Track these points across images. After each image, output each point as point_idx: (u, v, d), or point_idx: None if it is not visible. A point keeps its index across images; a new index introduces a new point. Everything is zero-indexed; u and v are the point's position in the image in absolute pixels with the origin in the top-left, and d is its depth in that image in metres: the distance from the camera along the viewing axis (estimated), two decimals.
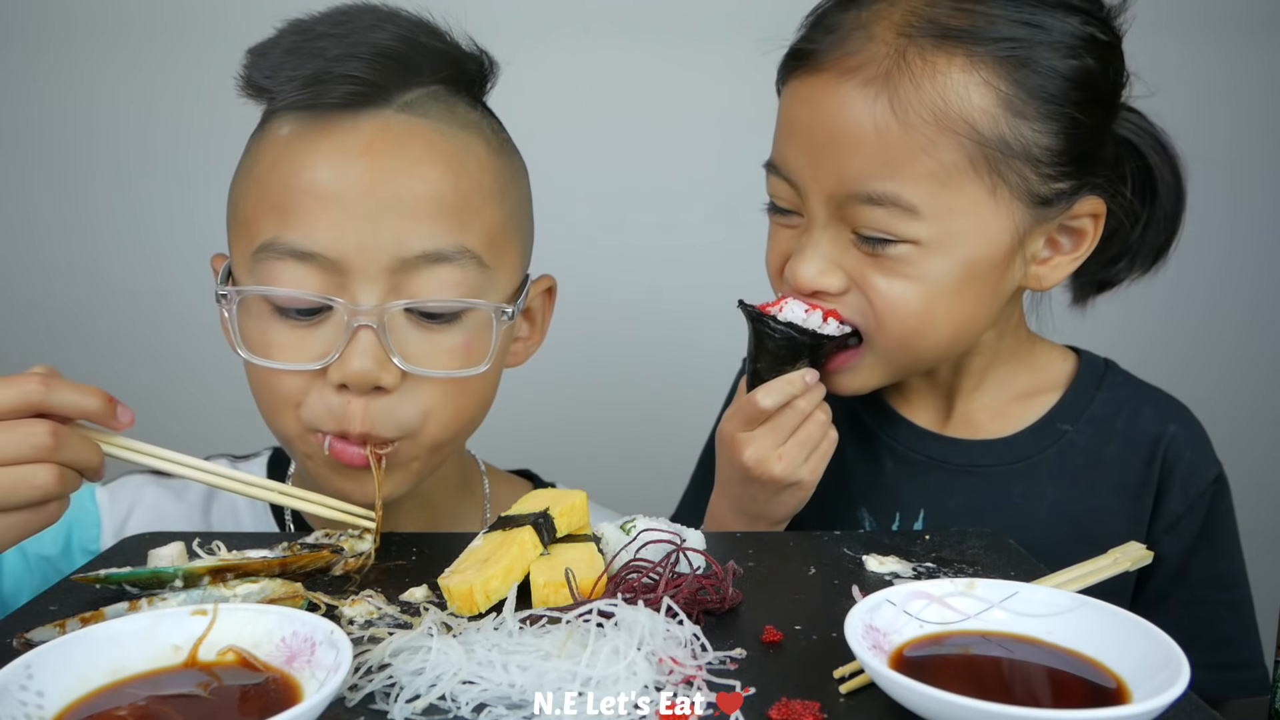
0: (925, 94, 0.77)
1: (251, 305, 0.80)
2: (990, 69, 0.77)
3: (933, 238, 0.80)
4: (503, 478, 1.03)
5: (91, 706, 0.50)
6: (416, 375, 0.79)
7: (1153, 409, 0.92)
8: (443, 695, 0.52)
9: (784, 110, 0.87)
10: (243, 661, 0.53)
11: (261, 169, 0.80)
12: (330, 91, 0.77)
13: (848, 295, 0.84)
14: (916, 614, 0.57)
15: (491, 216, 0.82)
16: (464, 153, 0.81)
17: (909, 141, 0.78)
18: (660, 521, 0.72)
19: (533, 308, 0.93)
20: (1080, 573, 0.67)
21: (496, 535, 0.68)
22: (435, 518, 0.94)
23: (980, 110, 0.77)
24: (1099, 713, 0.45)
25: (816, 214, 0.83)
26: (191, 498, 0.95)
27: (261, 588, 0.65)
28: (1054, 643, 0.55)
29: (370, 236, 0.76)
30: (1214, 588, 0.91)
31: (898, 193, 0.78)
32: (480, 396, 0.86)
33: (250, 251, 0.79)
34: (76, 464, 0.69)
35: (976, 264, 0.81)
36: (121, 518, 0.92)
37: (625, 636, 0.54)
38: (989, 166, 0.78)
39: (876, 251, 0.81)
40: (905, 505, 0.93)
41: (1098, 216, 0.85)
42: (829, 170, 0.81)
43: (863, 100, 0.78)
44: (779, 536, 0.79)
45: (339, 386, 0.78)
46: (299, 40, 0.80)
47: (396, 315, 0.78)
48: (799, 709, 0.51)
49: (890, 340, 0.84)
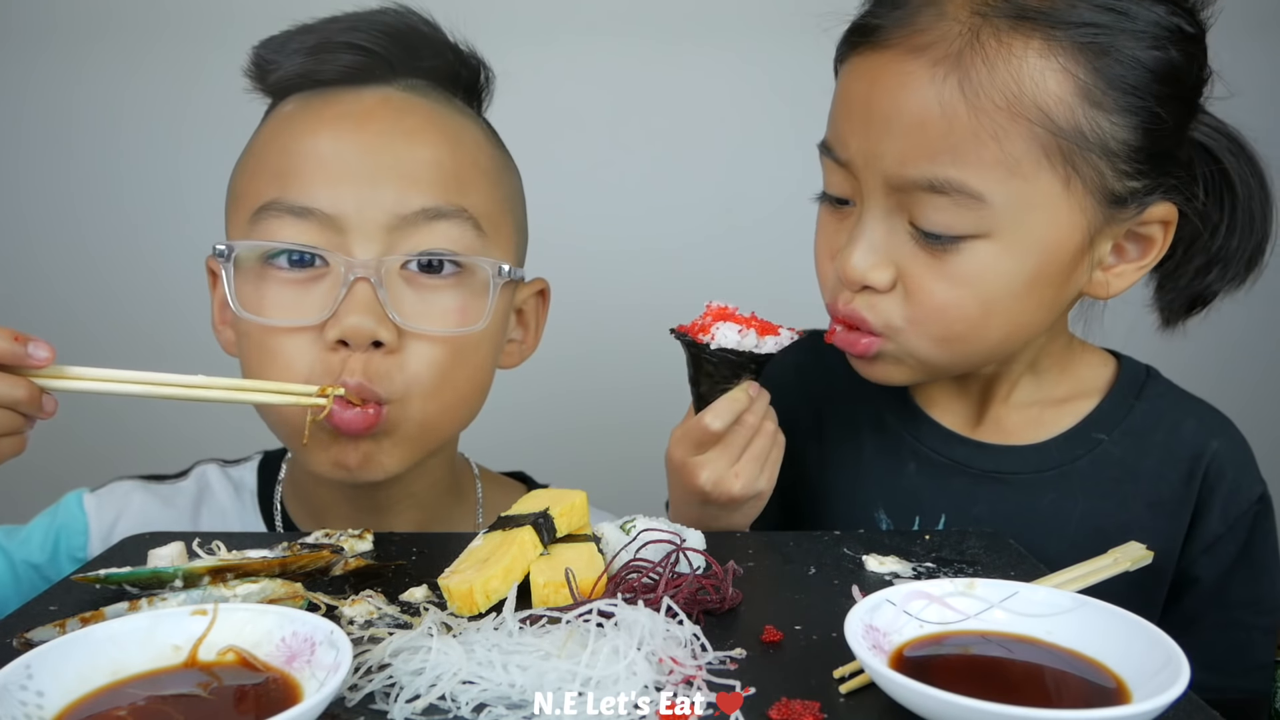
0: (999, 77, 0.72)
1: (248, 268, 0.80)
2: (1069, 55, 0.73)
3: (1000, 231, 0.75)
4: (496, 480, 1.03)
5: (91, 706, 0.50)
6: (413, 334, 0.79)
7: (1195, 422, 0.88)
8: (443, 695, 0.52)
9: (842, 88, 0.82)
10: (243, 661, 0.53)
11: (261, 142, 0.82)
12: (334, 60, 0.79)
13: (891, 293, 0.79)
14: (916, 614, 0.57)
15: (488, 192, 0.84)
16: (461, 131, 0.84)
17: (978, 127, 0.73)
18: (660, 521, 0.72)
19: (526, 310, 0.93)
20: (1080, 573, 0.67)
21: (496, 535, 0.68)
22: (427, 521, 0.93)
23: (1056, 98, 0.73)
24: (1099, 713, 0.45)
25: (872, 200, 0.78)
26: (180, 503, 0.95)
27: (261, 588, 0.65)
28: (1054, 643, 0.55)
29: (369, 195, 0.77)
30: (1252, 612, 0.87)
31: (963, 180, 0.73)
32: (471, 376, 0.84)
33: (248, 215, 0.79)
34: (4, 402, 0.67)
35: (1045, 264, 0.77)
36: (109, 524, 0.92)
37: (625, 636, 0.54)
38: (1063, 157, 0.74)
39: (936, 248, 0.76)
40: (926, 509, 0.90)
41: (1168, 224, 0.80)
42: (888, 152, 0.75)
43: (930, 80, 0.73)
44: (779, 536, 0.79)
45: (336, 344, 0.77)
46: (308, 28, 0.82)
47: (393, 273, 0.78)
48: (799, 709, 0.51)
49: (927, 344, 0.80)
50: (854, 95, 0.79)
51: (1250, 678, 0.87)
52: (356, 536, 0.75)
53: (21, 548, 0.90)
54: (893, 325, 0.80)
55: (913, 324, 0.79)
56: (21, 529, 0.91)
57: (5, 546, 0.89)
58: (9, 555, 0.89)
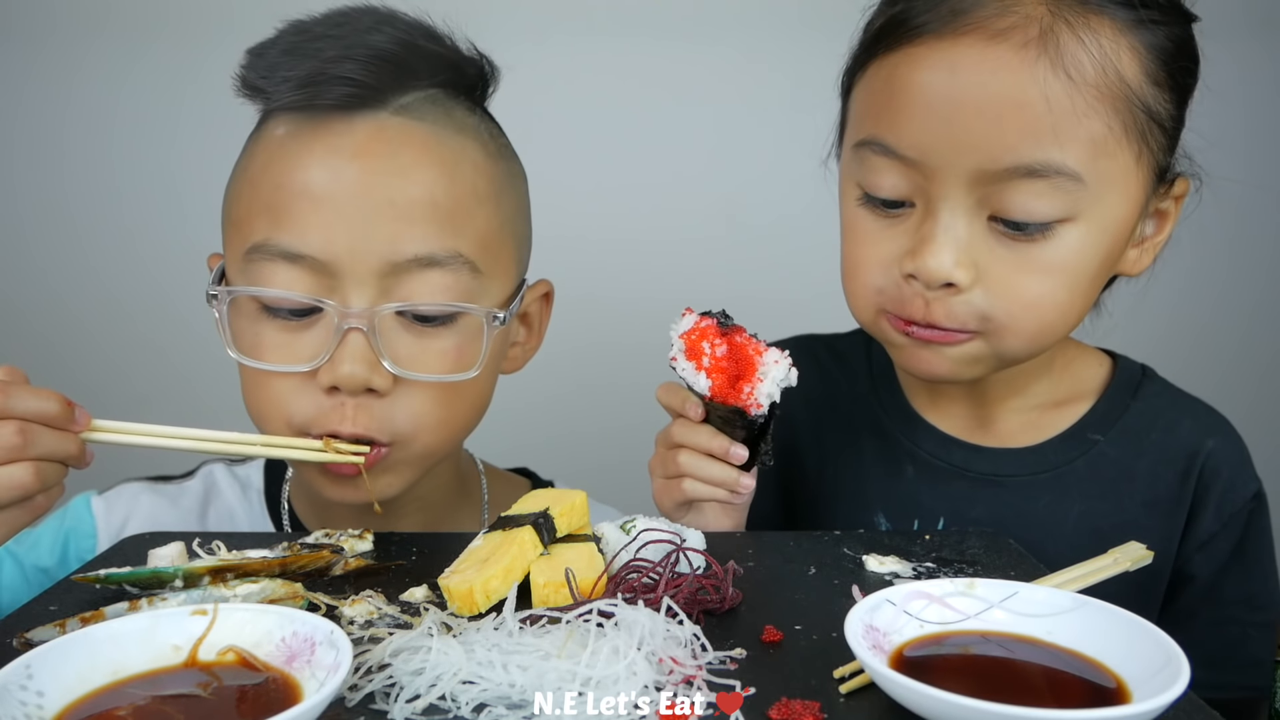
0: (1087, 54, 0.73)
1: (243, 306, 0.80)
2: (1134, 34, 0.75)
3: (1086, 212, 0.75)
4: (501, 477, 1.03)
5: (91, 706, 0.50)
6: (407, 380, 0.78)
7: (1191, 422, 0.89)
8: (443, 695, 0.52)
9: (900, 84, 0.77)
10: (243, 661, 0.53)
11: (255, 169, 0.80)
12: (325, 93, 0.76)
13: (971, 293, 0.77)
14: (916, 614, 0.57)
15: (486, 221, 0.82)
16: (459, 157, 0.81)
17: (1074, 106, 0.72)
18: (660, 521, 0.72)
19: (530, 312, 0.92)
20: (1080, 573, 0.67)
21: (496, 535, 0.68)
22: (433, 519, 0.93)
23: (1133, 73, 0.74)
24: (1099, 713, 0.45)
25: (952, 197, 0.76)
26: (187, 504, 0.95)
27: (262, 588, 0.65)
28: (1054, 643, 0.55)
29: (362, 239, 0.76)
30: (1246, 608, 0.88)
31: (1063, 160, 0.73)
32: (472, 402, 0.85)
33: (242, 252, 0.79)
34: (54, 456, 0.71)
35: (1116, 241, 0.78)
36: (118, 526, 0.92)
37: (625, 636, 0.54)
38: (1139, 133, 0.75)
39: (1021, 239, 0.75)
40: (925, 513, 0.90)
41: (1180, 198, 0.83)
42: (978, 144, 0.73)
43: (1021, 63, 0.72)
44: (779, 536, 0.79)
45: (329, 389, 0.78)
46: (297, 41, 0.79)
47: (387, 318, 0.78)
48: (799, 709, 0.51)
49: (1021, 340, 0.79)
50: (923, 88, 0.76)
51: (1246, 674, 0.87)
52: (356, 536, 0.75)
53: (31, 552, 0.90)
54: (986, 323, 0.78)
55: (1004, 321, 0.78)
56: (30, 533, 0.91)
57: (15, 551, 0.89)
58: (19, 560, 0.89)
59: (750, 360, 0.77)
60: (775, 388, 0.76)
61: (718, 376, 0.77)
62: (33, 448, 0.69)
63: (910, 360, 0.83)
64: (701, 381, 0.77)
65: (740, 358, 0.77)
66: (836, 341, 1.03)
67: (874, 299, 0.82)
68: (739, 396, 0.76)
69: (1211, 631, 0.88)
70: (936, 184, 0.76)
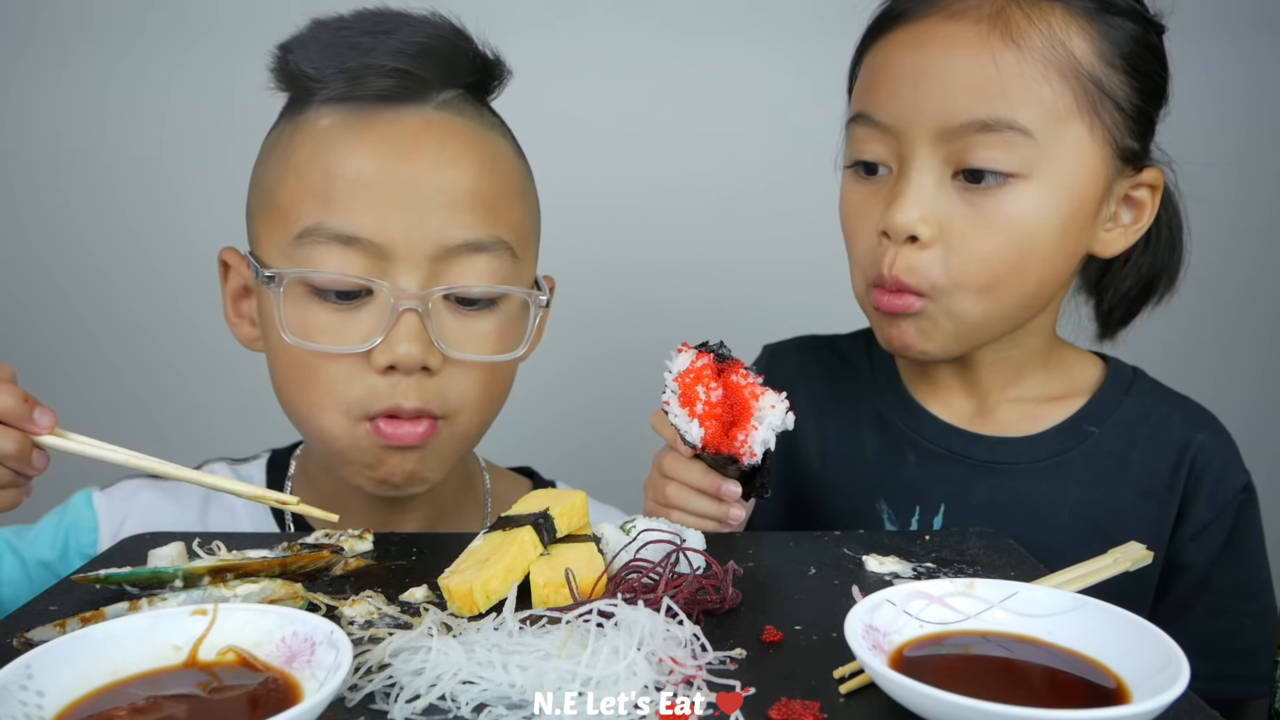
0: (1036, 29, 0.81)
1: (289, 291, 0.81)
2: (1083, 19, 0.82)
3: (1039, 171, 0.81)
4: (503, 475, 1.05)
5: (91, 706, 0.50)
6: (455, 360, 0.82)
7: (1181, 416, 0.93)
8: (443, 695, 0.52)
9: (880, 62, 0.87)
10: (243, 661, 0.53)
11: (301, 158, 0.82)
12: (376, 84, 0.80)
13: (932, 250, 0.83)
14: (916, 614, 0.57)
15: (519, 212, 0.87)
16: (495, 152, 0.85)
17: (1022, 71, 0.80)
18: (660, 521, 0.72)
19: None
20: (1080, 573, 0.67)
21: (496, 535, 0.68)
22: (439, 513, 0.95)
23: (1082, 50, 0.82)
24: (1099, 713, 0.45)
25: (917, 155, 0.83)
26: (188, 500, 0.95)
27: (261, 588, 0.65)
28: (1054, 643, 0.55)
29: (416, 225, 0.79)
30: (1238, 597, 0.90)
31: (1013, 116, 0.80)
32: (505, 386, 0.89)
33: (291, 236, 0.81)
34: None
35: (1074, 209, 0.83)
36: (118, 522, 0.92)
37: (625, 636, 0.54)
38: (1090, 105, 0.82)
39: (980, 189, 0.82)
40: (926, 499, 0.93)
41: (1156, 189, 0.88)
42: (939, 103, 0.82)
43: (976, 34, 0.81)
44: (779, 536, 0.79)
45: (385, 369, 0.80)
46: (340, 35, 0.82)
47: (437, 302, 0.81)
48: (799, 709, 0.51)
49: (969, 298, 0.84)
50: (897, 63, 0.85)
51: (1240, 663, 0.89)
52: (356, 537, 0.75)
53: (31, 547, 0.90)
54: (936, 284, 0.83)
55: (956, 278, 0.83)
56: (30, 529, 0.92)
57: (16, 546, 0.89)
58: (20, 555, 0.89)
59: (746, 405, 0.75)
60: (771, 434, 0.75)
61: (711, 424, 0.75)
62: None
63: (886, 331, 0.89)
64: (695, 431, 0.75)
65: (736, 402, 0.76)
66: (838, 341, 1.06)
67: (865, 270, 0.88)
68: (732, 445, 0.75)
69: (1207, 622, 0.90)
70: (906, 145, 0.84)
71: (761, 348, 1.08)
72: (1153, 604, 0.92)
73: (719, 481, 0.79)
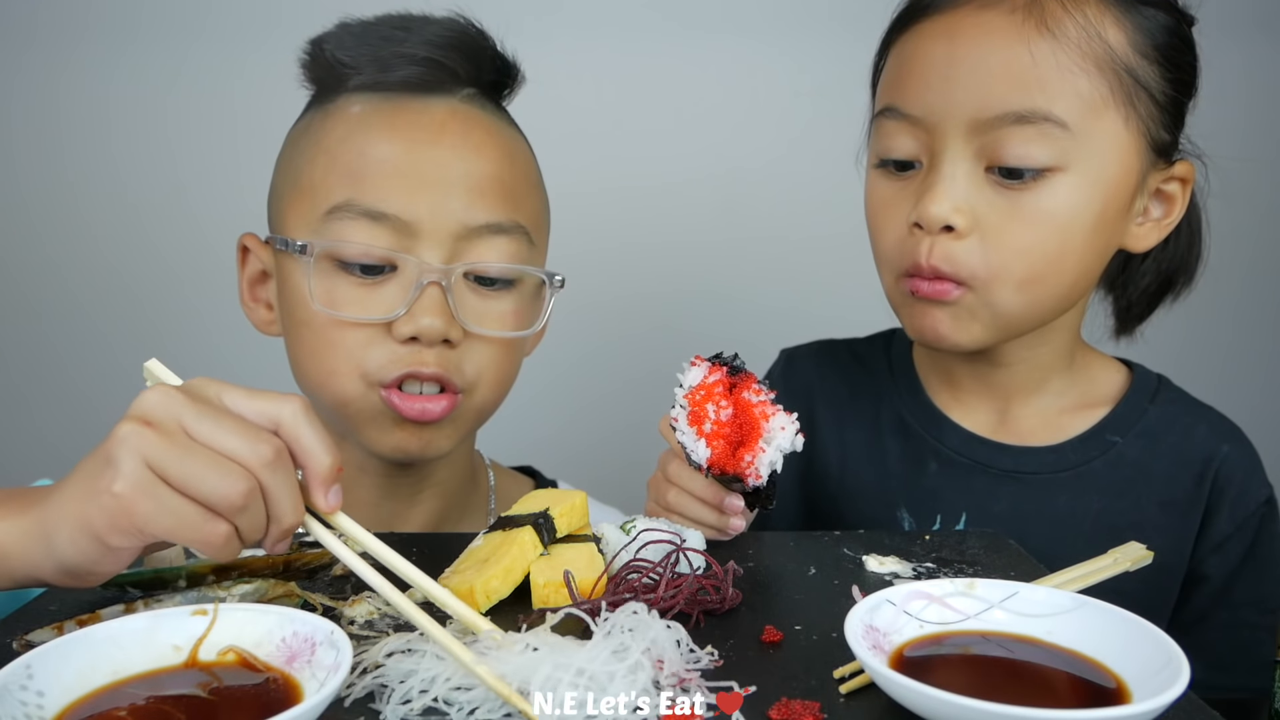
0: (1073, 20, 0.80)
1: (317, 265, 0.84)
2: (1117, 9, 0.81)
3: (1076, 164, 0.80)
4: (506, 473, 1.06)
5: (91, 706, 0.50)
6: (475, 335, 0.86)
7: (1206, 428, 0.92)
8: (441, 696, 0.51)
9: (909, 54, 0.86)
10: (243, 661, 0.53)
11: (332, 141, 0.86)
12: (406, 72, 0.85)
13: (968, 240, 0.82)
14: (916, 614, 0.57)
15: (535, 202, 0.91)
16: (514, 145, 0.90)
17: (1058, 61, 0.79)
18: (660, 521, 0.72)
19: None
20: (1080, 573, 0.67)
21: (496, 535, 0.69)
22: (446, 509, 0.96)
23: (1117, 41, 0.81)
24: (1099, 713, 0.45)
25: (952, 149, 0.82)
26: None
27: (256, 587, 0.65)
28: (1054, 643, 0.55)
29: (441, 204, 0.83)
30: (1257, 610, 0.90)
31: (1049, 108, 0.79)
32: (517, 366, 0.92)
33: (319, 214, 0.84)
34: (275, 502, 0.56)
35: (1109, 202, 0.82)
36: None
37: (626, 637, 0.54)
38: (1125, 96, 0.81)
39: (1016, 185, 0.80)
40: (947, 508, 0.92)
41: (1186, 182, 0.87)
42: (972, 95, 0.80)
43: (1009, 25, 0.80)
44: (779, 536, 0.79)
45: (407, 340, 0.83)
46: (370, 28, 0.87)
47: (458, 279, 0.85)
48: (799, 709, 0.51)
49: (1008, 291, 0.82)
50: (928, 54, 0.84)
51: (1255, 675, 0.89)
52: None
53: None
54: (976, 274, 0.82)
55: (995, 270, 0.82)
56: None
57: None
58: None
59: (755, 425, 0.72)
60: (779, 455, 0.72)
61: (719, 444, 0.73)
62: (270, 477, 0.55)
63: (917, 322, 0.87)
64: (701, 451, 0.72)
65: (746, 421, 0.73)
66: (855, 344, 1.05)
67: (894, 262, 0.87)
68: (738, 465, 0.73)
69: (1223, 633, 0.89)
70: (938, 138, 0.82)
71: (779, 352, 1.07)
72: (1173, 613, 0.91)
73: (722, 494, 0.78)
